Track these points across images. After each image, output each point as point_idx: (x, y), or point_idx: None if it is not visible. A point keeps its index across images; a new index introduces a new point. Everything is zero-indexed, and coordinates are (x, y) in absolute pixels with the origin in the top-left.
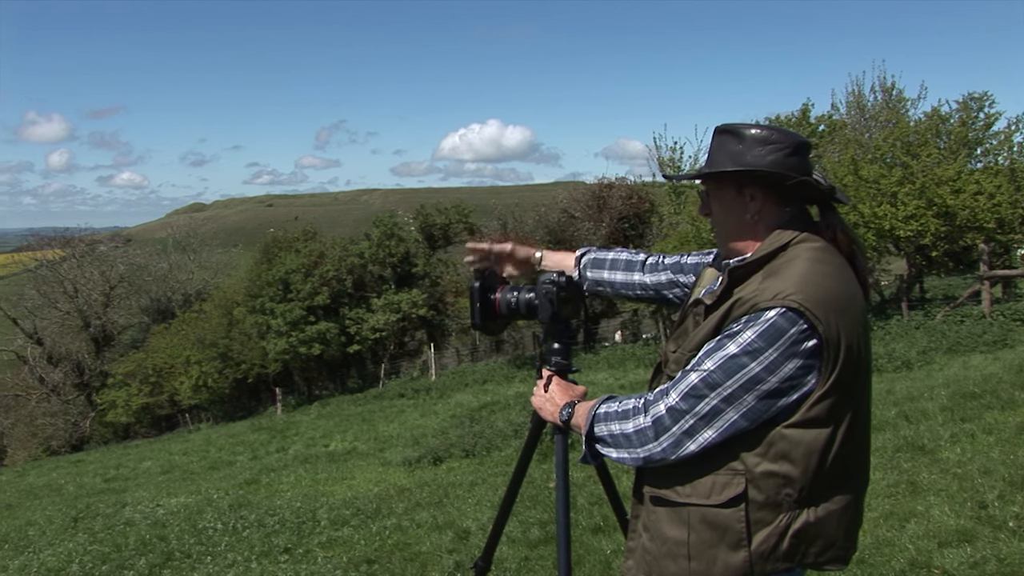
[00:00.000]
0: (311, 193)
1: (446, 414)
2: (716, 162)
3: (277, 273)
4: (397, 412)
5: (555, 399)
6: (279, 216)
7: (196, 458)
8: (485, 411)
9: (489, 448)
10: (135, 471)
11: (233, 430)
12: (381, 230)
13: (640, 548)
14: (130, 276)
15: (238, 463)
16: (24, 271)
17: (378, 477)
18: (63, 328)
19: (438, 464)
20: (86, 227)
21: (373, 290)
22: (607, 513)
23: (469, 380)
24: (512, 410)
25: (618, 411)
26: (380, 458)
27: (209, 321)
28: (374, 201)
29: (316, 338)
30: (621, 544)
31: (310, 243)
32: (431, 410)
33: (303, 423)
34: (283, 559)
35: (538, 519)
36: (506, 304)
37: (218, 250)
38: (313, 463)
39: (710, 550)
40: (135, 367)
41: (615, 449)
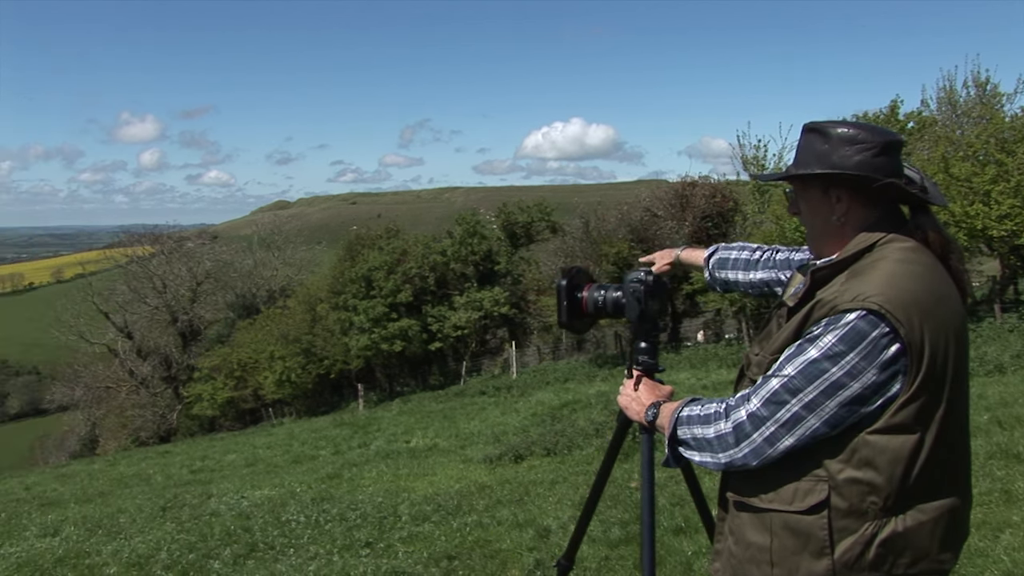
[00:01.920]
0: (394, 191)
1: (527, 412)
2: (802, 162)
3: (360, 270)
4: (478, 409)
5: (641, 399)
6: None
7: (279, 452)
8: (566, 409)
9: (570, 447)
10: (220, 463)
11: (316, 425)
12: (464, 228)
13: (726, 552)
14: (216, 272)
15: (321, 457)
16: (115, 267)
17: (459, 474)
18: (152, 323)
19: (519, 462)
20: (174, 224)
21: (455, 288)
22: (688, 514)
23: (550, 378)
24: (593, 409)
25: (700, 415)
26: (461, 455)
27: (293, 317)
28: (456, 199)
29: (398, 335)
30: (703, 546)
31: (393, 241)
32: (512, 408)
33: (385, 419)
34: (364, 553)
35: (619, 519)
36: (593, 302)
37: (302, 247)
38: (394, 459)
39: (793, 557)
40: (220, 361)
41: (697, 452)
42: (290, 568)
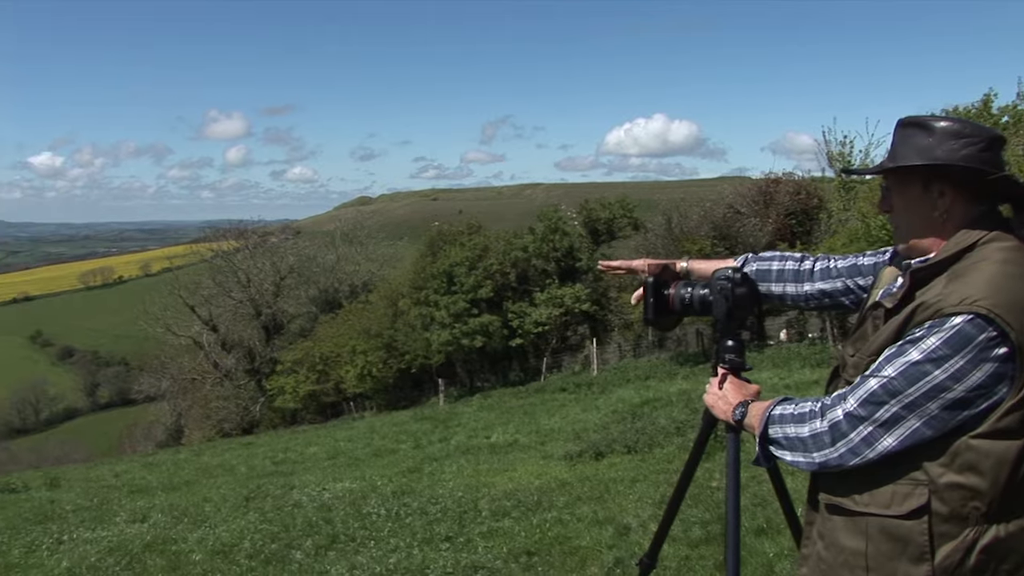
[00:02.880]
0: (475, 187)
1: (607, 409)
2: (901, 156)
3: (442, 266)
4: (558, 406)
5: (728, 397)
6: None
7: (360, 445)
8: (647, 407)
9: (651, 445)
10: (302, 455)
11: (396, 419)
12: (545, 224)
13: (815, 556)
14: (299, 267)
15: (401, 451)
16: (201, 261)
17: (539, 470)
18: (236, 316)
19: (599, 459)
20: (259, 220)
21: (536, 284)
22: (771, 515)
23: (631, 376)
24: (675, 407)
25: (794, 414)
26: (541, 451)
27: (375, 312)
28: (537, 195)
29: (479, 330)
30: (785, 548)
31: (474, 237)
32: (592, 405)
33: (465, 414)
34: (444, 547)
35: (700, 518)
36: (680, 300)
37: (384, 243)
38: (475, 454)
39: (890, 563)
40: (303, 355)
41: (789, 452)
42: (371, 560)
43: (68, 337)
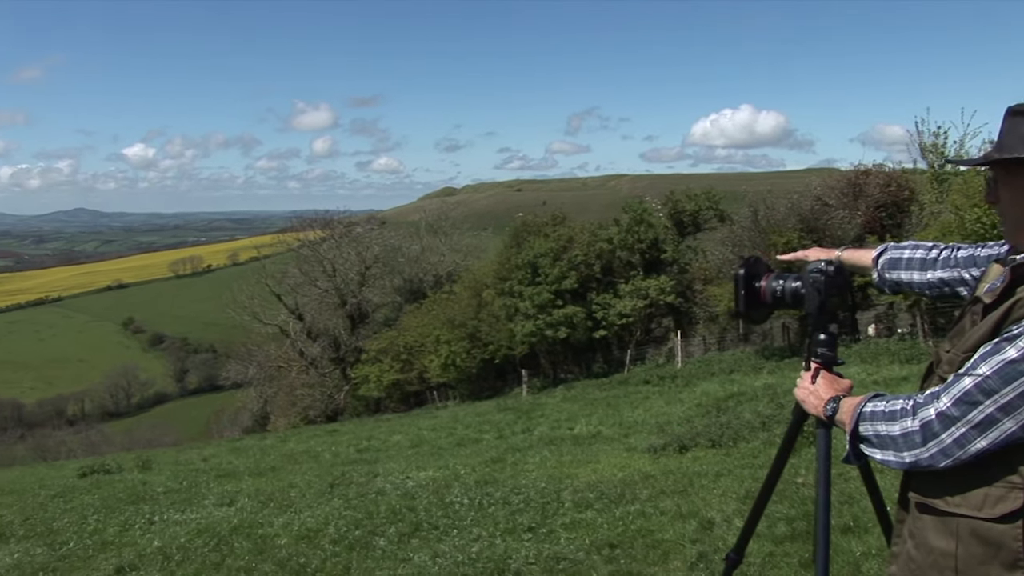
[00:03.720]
0: (559, 178)
1: (691, 402)
2: (1010, 147)
3: (526, 257)
4: (642, 398)
5: (820, 392)
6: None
7: (444, 434)
8: (731, 401)
9: (736, 439)
10: (386, 443)
11: (479, 409)
12: (630, 216)
13: (904, 555)
14: (384, 257)
15: (484, 441)
16: (288, 250)
17: (622, 462)
18: (322, 305)
19: (683, 452)
20: (344, 210)
21: (621, 276)
22: (857, 513)
23: (715, 369)
24: (760, 402)
25: (885, 411)
26: (624, 443)
27: (459, 302)
28: (622, 187)
29: (563, 322)
30: (872, 547)
31: (559, 228)
32: (676, 398)
33: (548, 405)
34: (527, 537)
35: (785, 514)
36: (771, 292)
37: (468, 233)
38: (558, 445)
39: (980, 567)
40: (387, 344)
41: (880, 450)
42: (453, 548)
43: (159, 324)
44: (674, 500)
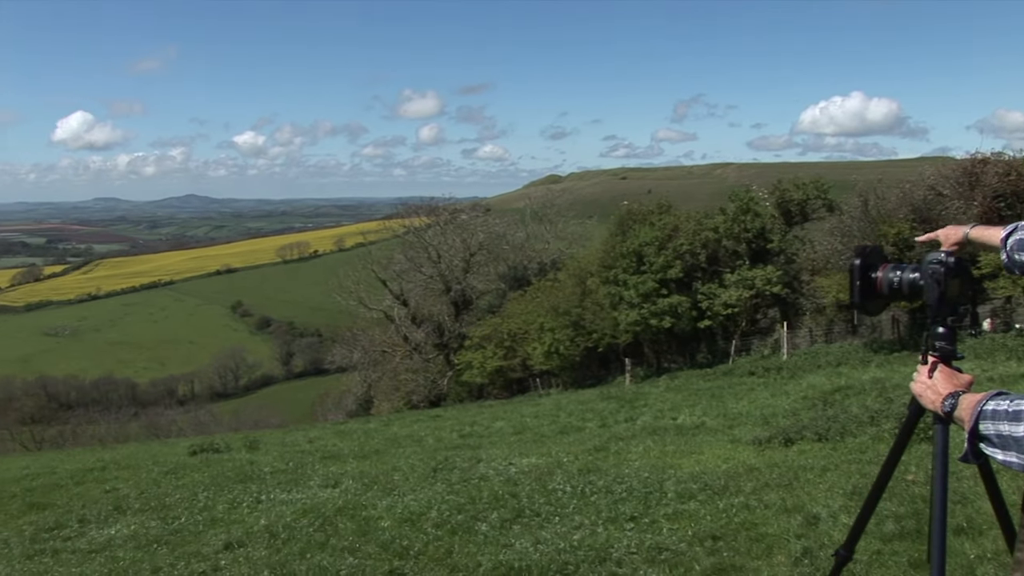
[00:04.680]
0: (664, 166)
1: (797, 395)
2: None
3: (631, 245)
4: (747, 390)
5: (938, 387)
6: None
7: (546, 421)
8: (839, 395)
9: (843, 433)
10: (488, 430)
11: (582, 397)
12: (737, 205)
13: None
14: (489, 244)
15: (587, 429)
16: (393, 237)
17: (726, 454)
18: (426, 291)
19: (788, 446)
20: (449, 197)
21: (726, 265)
22: (972, 513)
23: (822, 361)
24: (868, 395)
25: (1009, 411)
26: (729, 435)
27: (563, 290)
28: (728, 175)
29: (667, 311)
30: (987, 550)
31: (664, 216)
32: (782, 390)
33: (651, 395)
34: (629, 527)
35: (893, 512)
36: (888, 283)
37: (573, 221)
38: (661, 435)
39: None
40: (491, 331)
41: (1001, 451)
42: (555, 536)
43: (266, 308)
44: (779, 494)
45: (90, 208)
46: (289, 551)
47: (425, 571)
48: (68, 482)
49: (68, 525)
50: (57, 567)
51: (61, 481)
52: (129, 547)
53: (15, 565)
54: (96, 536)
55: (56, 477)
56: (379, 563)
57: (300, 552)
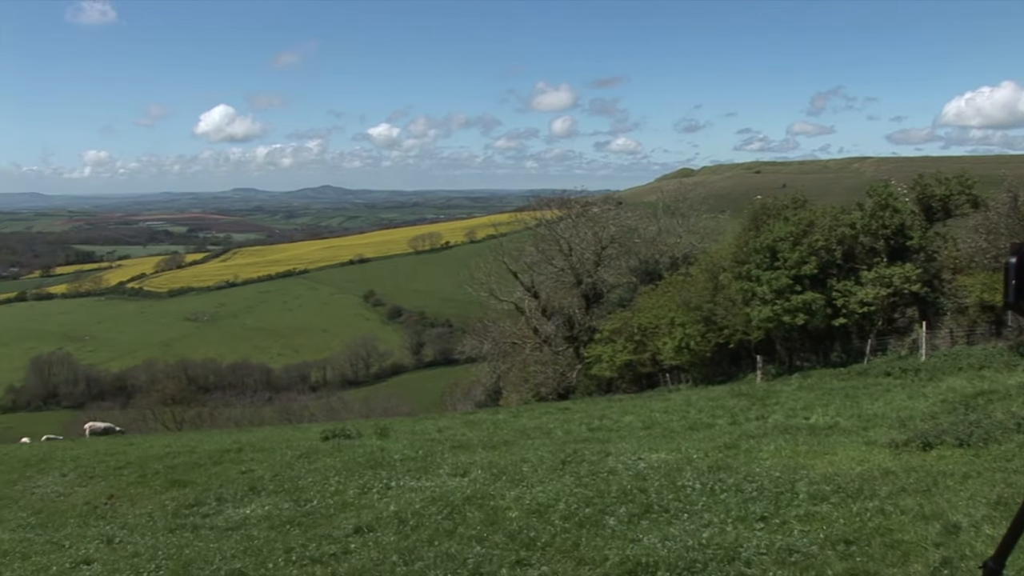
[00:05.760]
0: (799, 160)
1: (936, 398)
2: None
3: (765, 240)
4: (882, 391)
5: None
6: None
7: (676, 417)
8: (981, 399)
9: (986, 440)
10: (617, 424)
11: (712, 393)
12: (875, 200)
13: None
14: (620, 237)
15: (717, 426)
16: (525, 229)
17: (861, 456)
18: (557, 284)
19: (927, 450)
20: (581, 190)
21: (863, 262)
22: None
23: (963, 364)
24: (1014, 401)
25: None
26: (863, 436)
27: (695, 285)
28: (866, 169)
29: (801, 308)
30: None
31: (799, 211)
32: (919, 392)
33: (783, 393)
34: (759, 527)
35: None
36: None
37: (705, 215)
38: (793, 434)
39: None
40: (621, 325)
41: None
42: (683, 532)
43: (398, 298)
44: (916, 499)
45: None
46: (417, 537)
47: (552, 563)
48: (207, 462)
49: (206, 503)
50: (196, 542)
51: (200, 461)
52: (263, 526)
53: (159, 538)
54: (232, 514)
55: (195, 457)
56: (506, 553)
57: (428, 539)
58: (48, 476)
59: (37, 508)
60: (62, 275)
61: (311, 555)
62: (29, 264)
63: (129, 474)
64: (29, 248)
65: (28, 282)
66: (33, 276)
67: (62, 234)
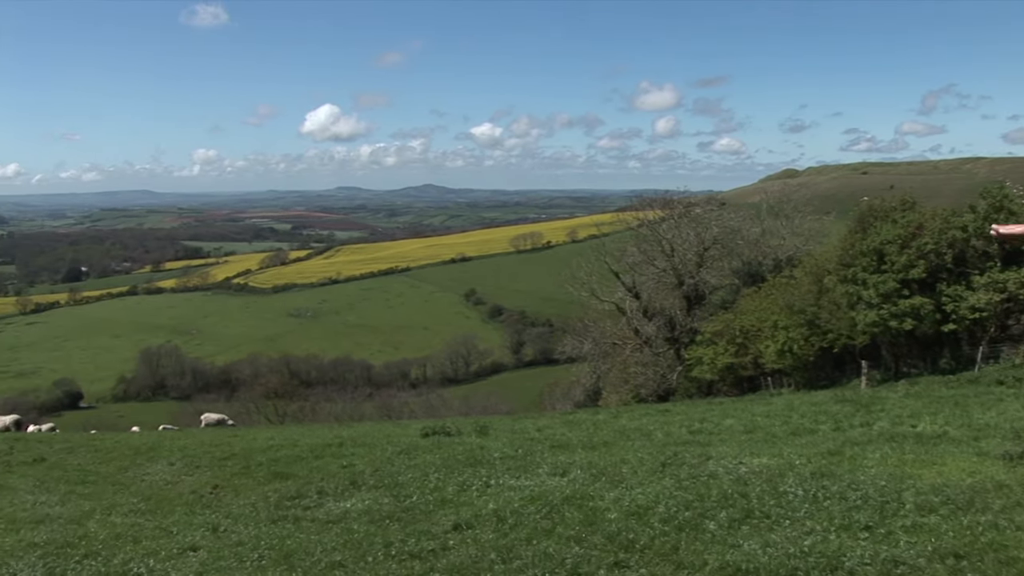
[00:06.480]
0: (908, 161)
1: None
2: None
3: (871, 243)
4: (995, 400)
5: None
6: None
7: (778, 422)
8: None
9: None
10: (718, 427)
11: (815, 398)
12: (988, 202)
13: None
14: (723, 238)
15: (820, 432)
16: (626, 229)
17: (972, 467)
18: (659, 284)
19: None
20: (683, 190)
21: (975, 266)
22: None
23: None
24: None
25: None
26: (974, 447)
27: (798, 288)
28: (979, 170)
29: (909, 313)
30: None
31: (908, 213)
32: None
33: (889, 400)
34: (863, 536)
35: None
36: None
37: (810, 217)
38: (899, 442)
39: None
40: (723, 327)
41: None
42: (785, 539)
43: (498, 297)
44: None
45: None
46: (516, 536)
47: (650, 566)
48: (308, 455)
49: (308, 495)
50: (298, 533)
51: (302, 454)
52: (363, 520)
53: (261, 528)
54: (333, 508)
55: (297, 450)
56: (604, 554)
57: (527, 538)
58: (157, 464)
59: (147, 495)
60: (171, 270)
61: (410, 550)
62: (140, 259)
63: (233, 465)
64: (140, 244)
65: (139, 276)
66: (144, 271)
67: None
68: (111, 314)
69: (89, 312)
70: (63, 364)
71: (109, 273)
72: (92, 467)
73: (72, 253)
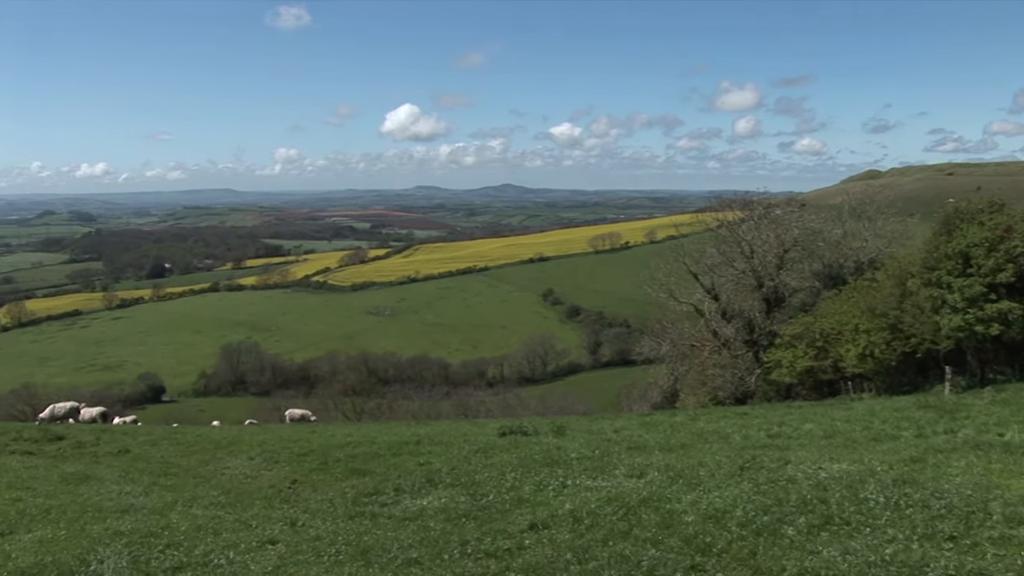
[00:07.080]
0: (996, 162)
1: None
2: None
3: (957, 246)
4: None
5: None
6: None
7: (859, 427)
8: None
9: None
10: (797, 431)
11: (897, 404)
12: None
13: None
14: (803, 240)
15: (902, 439)
16: (706, 230)
17: None
18: (737, 286)
19: None
20: (763, 191)
21: None
22: None
23: None
24: None
25: None
26: None
27: (881, 291)
28: None
29: (996, 318)
30: None
31: (996, 215)
32: None
33: (975, 407)
34: (947, 547)
35: None
36: None
37: (893, 219)
38: (985, 451)
39: None
40: (803, 330)
41: None
42: (865, 547)
43: (576, 297)
44: None
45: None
46: (592, 537)
47: (727, 570)
48: (386, 452)
49: (385, 492)
50: (375, 530)
51: (380, 451)
52: (439, 518)
53: (339, 524)
54: (410, 505)
55: (375, 447)
56: (681, 557)
57: (603, 539)
58: (237, 459)
59: (227, 488)
60: (252, 267)
61: (486, 549)
62: (222, 256)
63: (311, 461)
64: (222, 241)
65: (221, 273)
66: (225, 268)
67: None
68: (193, 310)
69: (172, 308)
70: (146, 358)
71: (191, 270)
72: (174, 459)
73: (156, 250)
